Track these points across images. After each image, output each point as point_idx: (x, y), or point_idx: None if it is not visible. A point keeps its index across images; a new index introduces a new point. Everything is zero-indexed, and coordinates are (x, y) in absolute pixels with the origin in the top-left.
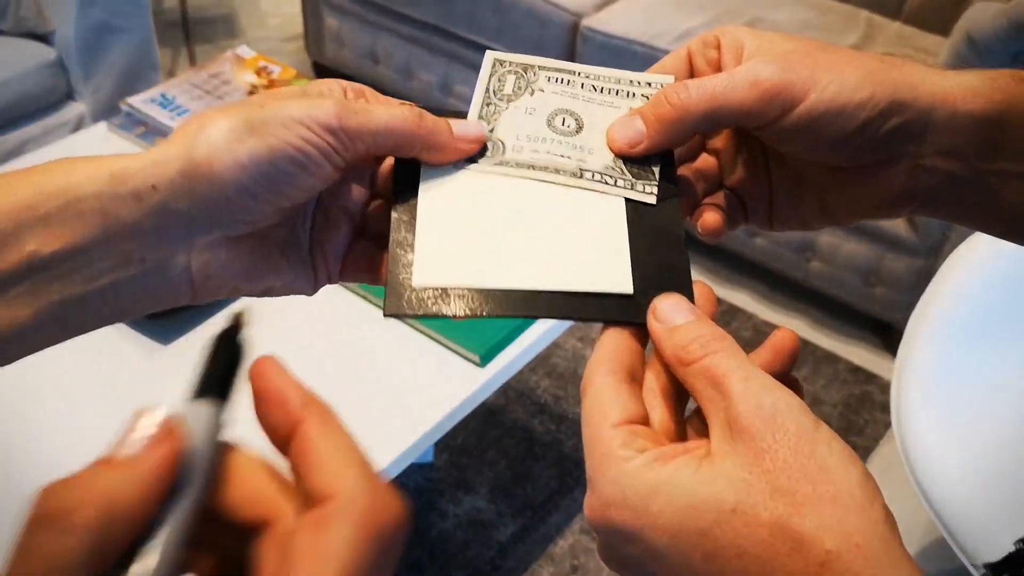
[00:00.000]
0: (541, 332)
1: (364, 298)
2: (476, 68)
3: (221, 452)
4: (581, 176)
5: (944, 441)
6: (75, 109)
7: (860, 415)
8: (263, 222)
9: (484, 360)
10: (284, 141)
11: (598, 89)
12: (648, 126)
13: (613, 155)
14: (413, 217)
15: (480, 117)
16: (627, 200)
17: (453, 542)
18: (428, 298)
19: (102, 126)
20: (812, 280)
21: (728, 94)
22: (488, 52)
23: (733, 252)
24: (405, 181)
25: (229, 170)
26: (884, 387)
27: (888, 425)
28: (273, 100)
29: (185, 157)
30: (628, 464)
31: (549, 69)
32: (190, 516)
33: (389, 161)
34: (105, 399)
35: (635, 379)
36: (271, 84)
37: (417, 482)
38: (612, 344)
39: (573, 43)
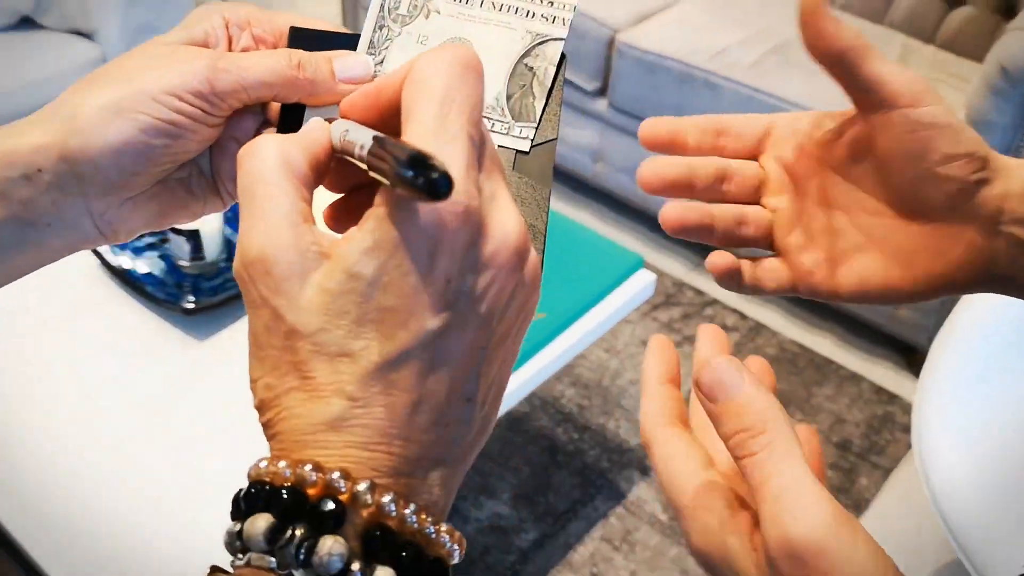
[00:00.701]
0: (570, 343)
1: None
2: None
3: None
4: None
5: (963, 463)
6: None
7: (882, 435)
8: (156, 182)
9: (513, 367)
10: (154, 117)
11: (496, 6)
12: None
13: (497, 91)
14: None
15: (371, 45)
16: (499, 147)
17: (475, 546)
18: None
19: None
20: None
21: (878, 59)
22: None
23: None
24: (289, 121)
25: (105, 155)
26: (907, 408)
27: (909, 446)
28: (144, 65)
29: (61, 144)
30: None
31: None
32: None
33: None
34: (142, 392)
35: (685, 422)
36: None
37: None
38: (660, 395)
39: (609, 57)
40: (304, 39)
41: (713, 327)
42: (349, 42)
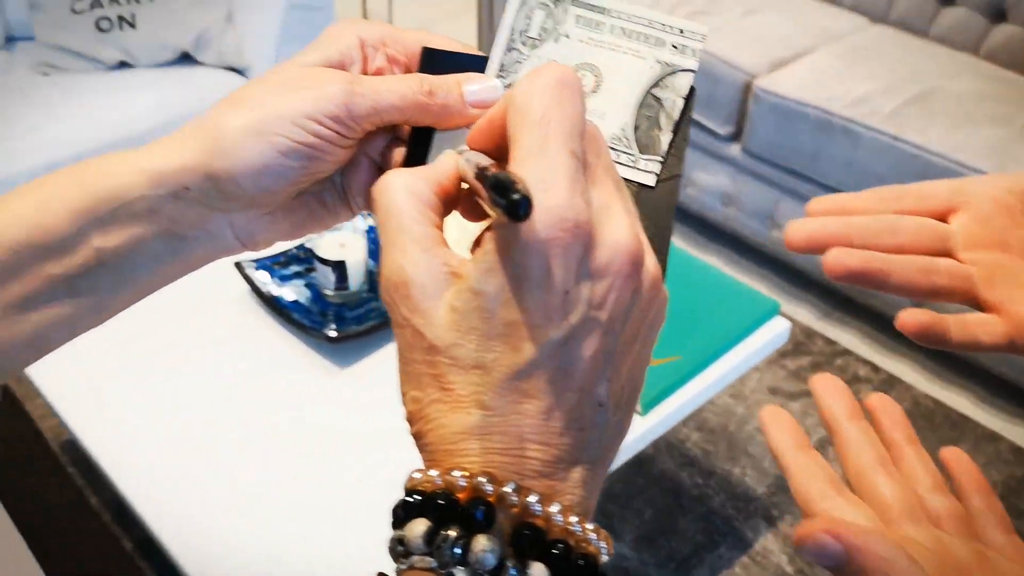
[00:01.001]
0: (703, 387)
1: None
2: None
3: None
4: None
5: None
6: None
7: (1021, 497)
8: (292, 197)
9: (645, 409)
10: (293, 140)
11: (626, 33)
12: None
13: (624, 122)
14: None
15: (501, 67)
16: (625, 180)
17: None
18: None
19: None
20: (977, 355)
21: None
22: None
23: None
24: (419, 142)
25: (247, 175)
26: None
27: None
28: (283, 88)
29: (206, 164)
30: None
31: (580, 4)
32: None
33: None
34: (284, 418)
35: (838, 484)
36: None
37: None
38: (805, 467)
39: (744, 102)
40: (436, 59)
41: (829, 377)
42: (479, 64)
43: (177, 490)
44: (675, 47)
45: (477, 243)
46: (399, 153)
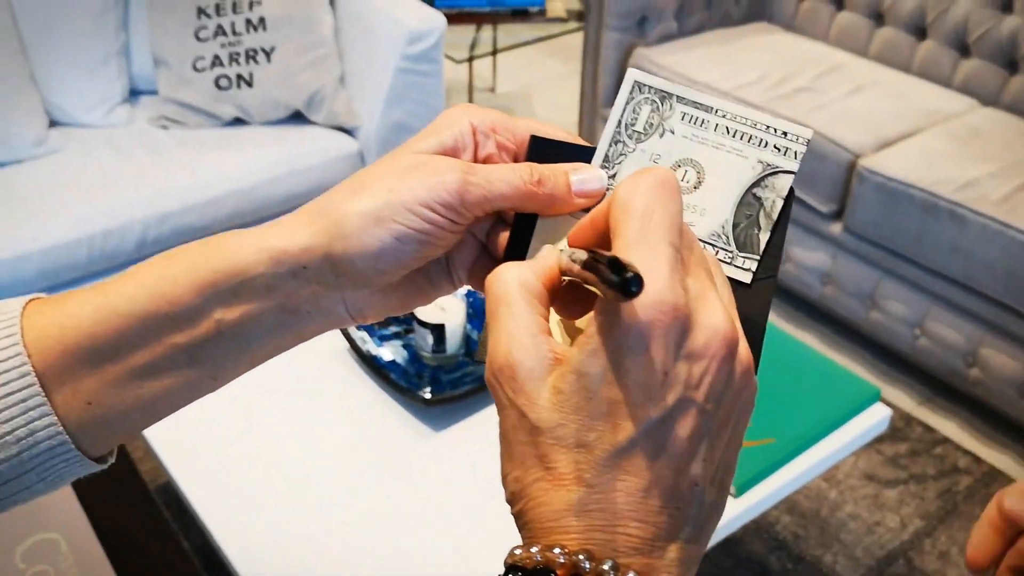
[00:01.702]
0: (797, 472)
1: None
2: None
3: None
4: None
5: None
6: None
7: None
8: (403, 277)
9: (739, 491)
10: (409, 227)
11: (730, 132)
12: None
13: (724, 218)
14: None
15: (606, 158)
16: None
17: None
18: None
19: None
20: None
21: None
22: (630, 71)
23: (997, 410)
24: (522, 227)
25: (364, 258)
26: None
27: None
28: (401, 175)
29: (326, 247)
30: None
31: (686, 102)
32: None
33: None
34: (378, 478)
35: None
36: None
37: None
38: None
39: (848, 182)
40: (543, 148)
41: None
42: (585, 154)
43: (265, 542)
44: (777, 148)
45: (571, 335)
46: (504, 236)
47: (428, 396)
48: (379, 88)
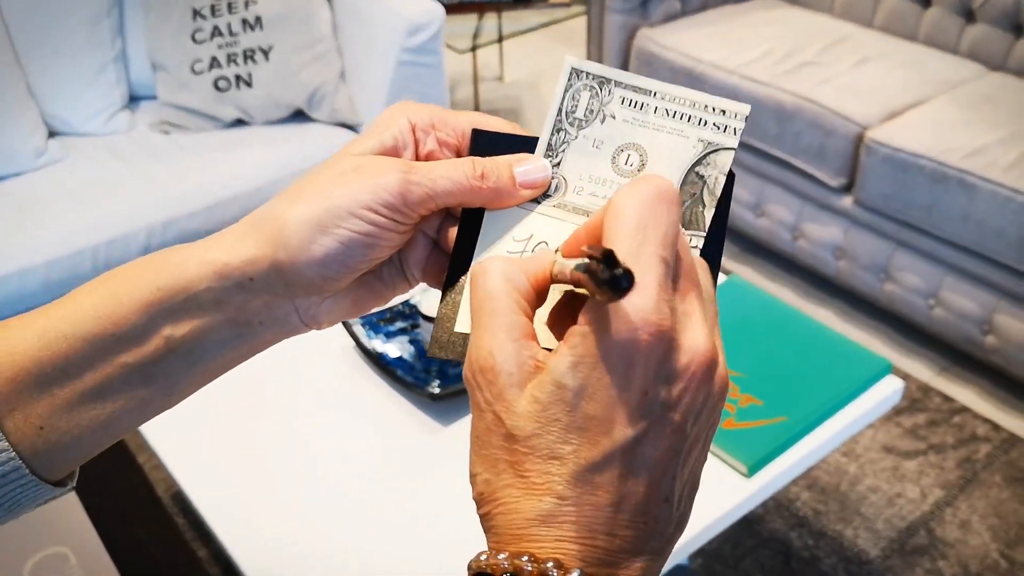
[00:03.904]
0: (810, 448)
1: None
2: (757, 173)
3: None
4: None
5: None
6: None
7: None
8: (354, 280)
9: (751, 471)
10: (353, 231)
11: (670, 114)
12: None
13: None
14: (468, 262)
15: (549, 147)
16: None
17: None
18: (465, 344)
19: None
20: None
21: None
22: (567, 58)
23: (1015, 377)
24: (469, 222)
25: (310, 265)
26: None
27: None
28: (340, 180)
29: (271, 256)
30: None
31: (625, 87)
32: None
33: None
34: (389, 475)
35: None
36: None
37: None
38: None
39: (856, 154)
40: (485, 141)
41: None
42: (528, 144)
43: (276, 544)
44: (716, 126)
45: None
46: (454, 232)
47: (436, 391)
48: (381, 82)
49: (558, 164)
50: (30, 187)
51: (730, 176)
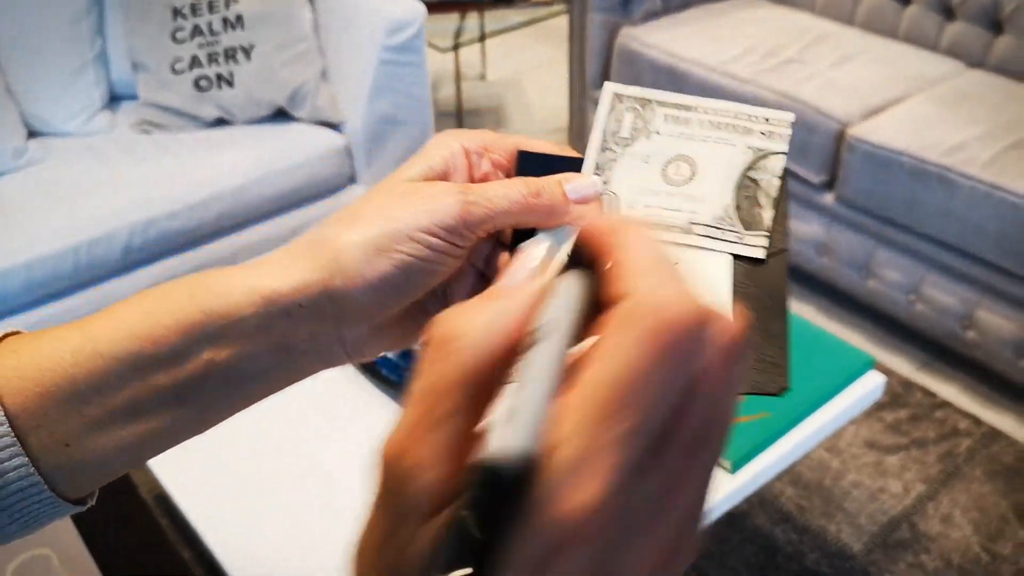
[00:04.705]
0: (794, 443)
1: None
2: None
3: (582, 310)
4: (690, 231)
5: None
6: (356, 192)
7: None
8: (401, 311)
9: (735, 467)
10: (411, 256)
11: (715, 125)
12: None
13: (725, 203)
14: None
15: (596, 165)
16: (735, 256)
17: None
18: None
19: None
20: None
21: None
22: (607, 84)
23: (996, 372)
24: (520, 243)
25: (365, 291)
26: None
27: None
28: (397, 203)
29: (324, 282)
30: None
31: (667, 105)
32: (556, 360)
33: None
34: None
35: None
36: None
37: None
38: None
39: (838, 151)
40: (532, 162)
41: None
42: (573, 164)
43: (263, 544)
44: (763, 134)
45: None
46: (504, 258)
47: None
48: (362, 81)
49: (606, 182)
50: (10, 188)
51: (784, 177)
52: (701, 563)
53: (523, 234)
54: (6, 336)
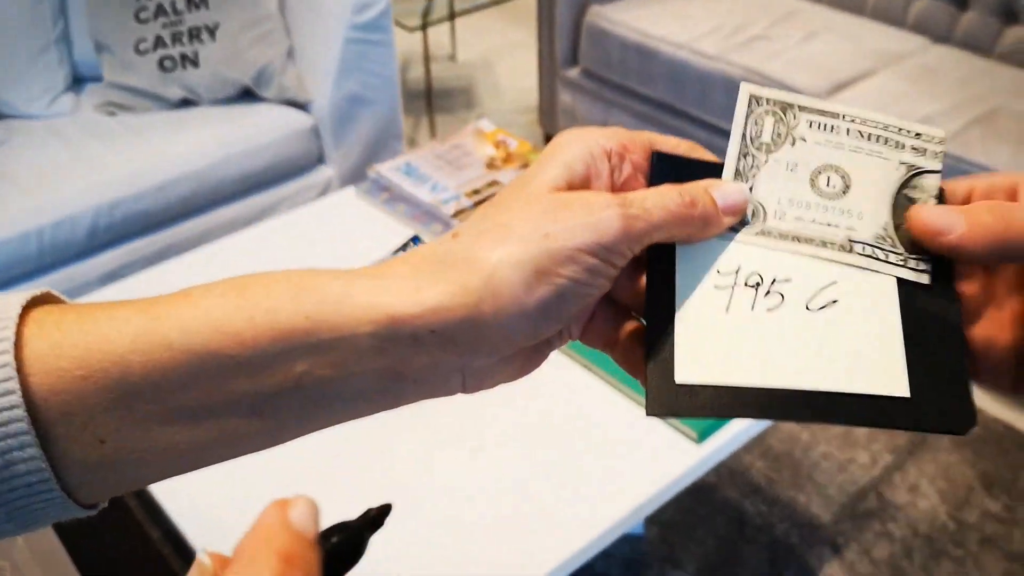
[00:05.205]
0: None
1: (584, 367)
2: (709, 147)
3: None
4: (851, 250)
5: None
6: (325, 173)
7: None
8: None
9: (701, 437)
10: (572, 280)
11: (864, 136)
12: (968, 227)
13: (883, 221)
14: (671, 305)
15: (737, 172)
16: (899, 280)
17: None
18: (689, 396)
19: (350, 191)
20: None
21: None
22: (743, 85)
23: None
24: (660, 261)
25: (519, 319)
26: None
27: None
28: (550, 218)
29: (471, 307)
30: None
31: (811, 111)
32: None
33: None
34: (346, 451)
35: None
36: (508, 157)
37: (625, 553)
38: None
39: None
40: (669, 165)
41: None
42: (714, 170)
43: (230, 521)
44: (915, 149)
45: None
46: (639, 280)
47: None
48: (329, 60)
49: (750, 189)
50: None
51: (940, 198)
52: (670, 535)
53: (659, 251)
54: (37, 299)
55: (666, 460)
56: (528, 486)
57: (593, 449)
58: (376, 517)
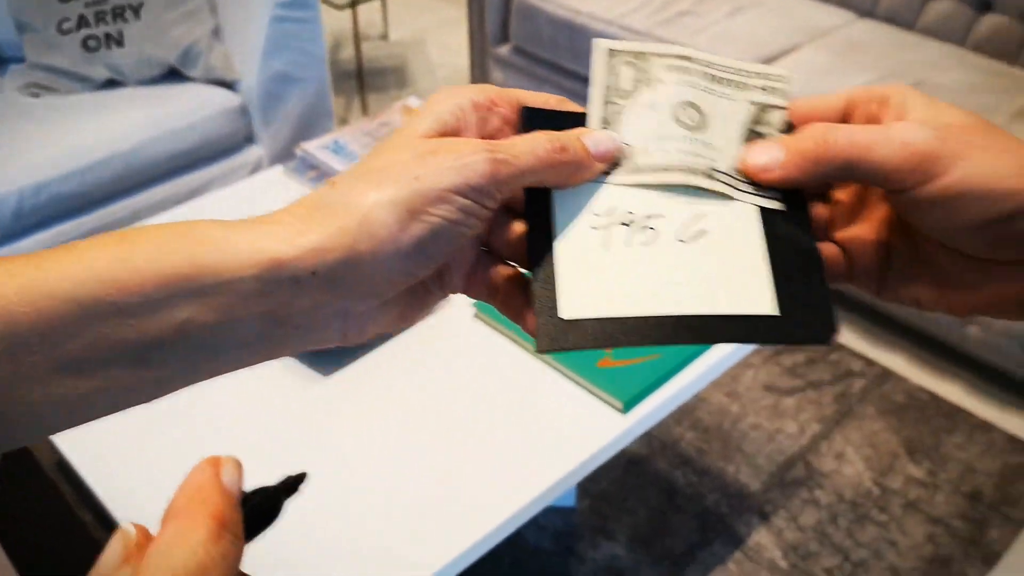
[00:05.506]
0: (686, 382)
1: (509, 338)
2: None
3: None
4: (713, 177)
5: None
6: (254, 153)
7: (1015, 486)
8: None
9: (627, 407)
10: (444, 218)
11: (716, 79)
12: (787, 157)
13: (734, 155)
14: (550, 247)
15: (604, 120)
16: (761, 209)
17: None
18: (575, 331)
19: (278, 169)
20: (969, 345)
21: (874, 148)
22: (596, 41)
23: (887, 314)
24: (537, 207)
25: (393, 258)
26: None
27: None
28: (420, 162)
29: (348, 247)
30: None
31: (665, 56)
32: None
33: None
34: (267, 427)
35: None
36: None
37: (557, 525)
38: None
39: None
40: (538, 118)
41: None
42: (580, 120)
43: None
44: (762, 88)
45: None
46: (515, 227)
47: None
48: (256, 39)
49: (618, 133)
50: None
51: (788, 131)
52: (602, 507)
53: (536, 198)
54: None
55: (592, 430)
56: (454, 457)
57: (519, 421)
58: (293, 483)
